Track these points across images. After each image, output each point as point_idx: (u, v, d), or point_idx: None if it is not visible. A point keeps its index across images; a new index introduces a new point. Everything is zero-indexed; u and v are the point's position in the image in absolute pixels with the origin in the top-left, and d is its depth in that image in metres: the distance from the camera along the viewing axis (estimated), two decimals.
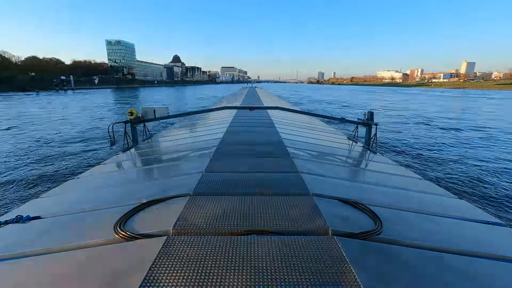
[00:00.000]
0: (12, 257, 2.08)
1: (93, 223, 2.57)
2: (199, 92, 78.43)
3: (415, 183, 4.26)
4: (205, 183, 3.28)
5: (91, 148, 12.01)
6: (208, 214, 2.47)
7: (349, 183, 3.83)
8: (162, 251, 1.89)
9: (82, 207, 3.01)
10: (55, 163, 9.70)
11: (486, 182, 8.27)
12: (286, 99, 39.56)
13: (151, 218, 2.50)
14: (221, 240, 2.06)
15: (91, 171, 4.94)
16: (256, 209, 2.59)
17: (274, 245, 1.99)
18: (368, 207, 2.75)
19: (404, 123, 21.09)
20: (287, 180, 3.43)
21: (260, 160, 4.51)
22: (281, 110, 10.19)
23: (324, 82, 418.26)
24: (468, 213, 3.11)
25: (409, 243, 2.21)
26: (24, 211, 2.95)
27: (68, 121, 20.04)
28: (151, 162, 5.51)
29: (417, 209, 2.99)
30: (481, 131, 17.85)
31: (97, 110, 28.70)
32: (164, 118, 8.06)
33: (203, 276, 1.66)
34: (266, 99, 25.53)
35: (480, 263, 2.06)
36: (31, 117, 21.97)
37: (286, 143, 5.93)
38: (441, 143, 13.92)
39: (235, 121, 9.28)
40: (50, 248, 2.15)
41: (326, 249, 1.96)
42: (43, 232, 2.48)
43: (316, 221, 2.38)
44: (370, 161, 5.88)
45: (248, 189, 3.14)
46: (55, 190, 3.80)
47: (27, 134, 15.14)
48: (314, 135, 8.21)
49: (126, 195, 3.27)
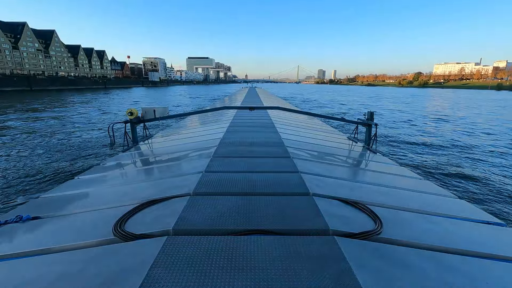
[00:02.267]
0: (12, 257, 2.08)
1: (93, 223, 2.57)
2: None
3: (415, 183, 4.26)
4: (205, 183, 3.28)
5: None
6: (208, 214, 2.47)
7: (349, 183, 3.82)
8: (162, 251, 1.89)
9: (82, 207, 3.01)
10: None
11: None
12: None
13: (151, 218, 2.49)
14: (221, 240, 2.06)
15: (91, 171, 4.94)
16: (256, 209, 2.59)
17: (274, 245, 1.99)
18: (368, 207, 2.75)
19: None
20: (287, 180, 3.43)
21: (260, 160, 4.51)
22: (281, 110, 10.19)
23: (342, 81, 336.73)
24: (468, 213, 3.11)
25: (409, 243, 2.21)
26: (24, 211, 2.95)
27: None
28: (151, 162, 5.51)
29: (417, 209, 2.99)
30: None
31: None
32: (164, 118, 8.06)
33: (203, 276, 1.66)
34: (266, 99, 25.53)
35: (480, 263, 2.06)
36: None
37: (286, 143, 5.93)
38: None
39: (235, 121, 9.28)
40: (50, 248, 2.15)
41: (326, 249, 1.96)
42: (43, 232, 2.48)
43: (316, 221, 2.38)
44: (370, 161, 5.88)
45: (248, 189, 3.14)
46: (55, 190, 3.80)
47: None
48: (314, 135, 8.21)
49: (126, 195, 3.27)
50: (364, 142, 7.70)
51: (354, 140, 8.01)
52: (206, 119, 11.54)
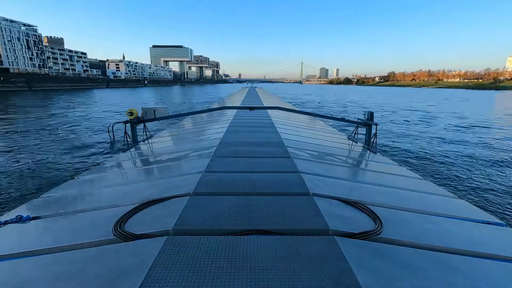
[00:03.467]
0: (12, 257, 2.08)
1: (93, 223, 2.57)
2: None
3: (415, 183, 4.26)
4: (205, 183, 3.28)
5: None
6: (208, 214, 2.47)
7: (349, 183, 3.82)
8: (162, 251, 1.89)
9: (82, 207, 3.01)
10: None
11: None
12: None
13: (151, 218, 2.49)
14: (221, 240, 2.06)
15: (91, 171, 4.94)
16: (256, 209, 2.59)
17: (274, 245, 1.99)
18: (368, 207, 2.75)
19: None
20: (287, 180, 3.43)
21: (260, 160, 4.51)
22: (281, 110, 10.19)
23: (368, 81, 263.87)
24: (468, 213, 3.11)
25: (409, 243, 2.21)
26: (24, 211, 2.95)
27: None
28: (151, 162, 5.51)
29: (417, 209, 2.98)
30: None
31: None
32: (164, 118, 8.07)
33: (203, 276, 1.66)
34: (266, 99, 25.54)
35: (480, 263, 2.06)
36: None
37: (286, 143, 5.93)
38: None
39: (235, 121, 9.28)
40: (50, 248, 2.15)
41: (326, 249, 1.96)
42: (43, 232, 2.48)
43: (316, 221, 2.38)
44: (370, 161, 5.88)
45: (248, 189, 3.13)
46: (55, 190, 3.80)
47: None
48: (314, 135, 8.21)
49: (126, 195, 3.27)
50: (364, 142, 7.71)
51: (354, 140, 8.01)
52: (206, 119, 11.54)
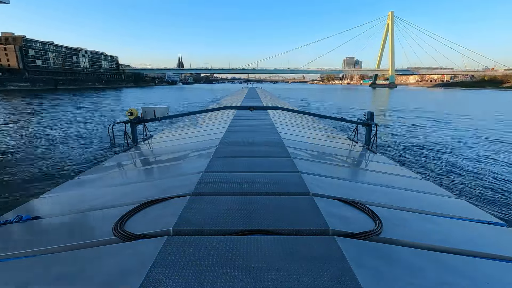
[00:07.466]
0: (12, 257, 2.08)
1: (93, 223, 2.57)
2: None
3: (415, 183, 4.26)
4: (205, 183, 3.28)
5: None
6: (208, 214, 2.47)
7: (349, 183, 3.83)
8: (162, 251, 1.89)
9: (82, 207, 3.01)
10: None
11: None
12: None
13: (151, 218, 2.49)
14: (221, 240, 2.06)
15: (91, 171, 4.94)
16: (256, 209, 2.59)
17: (274, 245, 1.99)
18: (368, 207, 2.75)
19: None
20: (287, 180, 3.43)
21: (260, 160, 4.51)
22: (281, 110, 10.19)
23: (410, 80, 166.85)
24: (468, 213, 3.11)
25: (409, 243, 2.21)
26: (24, 211, 2.95)
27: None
28: (151, 162, 5.51)
29: (417, 209, 2.99)
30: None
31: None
32: (164, 118, 8.07)
33: (203, 276, 1.66)
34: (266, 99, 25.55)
35: (480, 263, 2.06)
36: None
37: (286, 143, 5.93)
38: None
39: (235, 121, 9.28)
40: (50, 248, 2.15)
41: (326, 249, 1.96)
42: (43, 232, 2.48)
43: (316, 221, 2.38)
44: (370, 161, 5.88)
45: (248, 189, 3.13)
46: (55, 190, 3.80)
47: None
48: (314, 135, 8.22)
49: (126, 195, 3.27)
50: (364, 142, 7.71)
51: (354, 140, 8.02)
52: (206, 119, 11.54)
